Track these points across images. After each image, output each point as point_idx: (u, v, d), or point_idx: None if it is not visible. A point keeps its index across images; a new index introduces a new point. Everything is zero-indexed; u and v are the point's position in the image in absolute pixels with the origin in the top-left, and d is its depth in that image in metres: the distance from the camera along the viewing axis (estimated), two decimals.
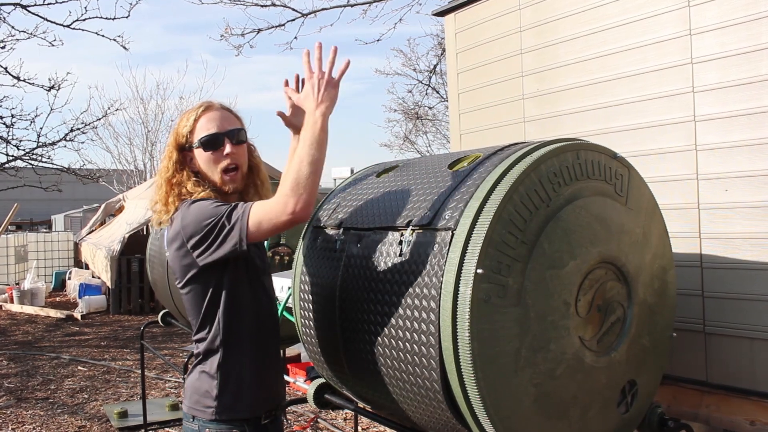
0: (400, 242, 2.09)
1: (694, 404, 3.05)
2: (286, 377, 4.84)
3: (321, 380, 2.85)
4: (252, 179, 2.53)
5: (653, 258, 2.37)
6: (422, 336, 1.95)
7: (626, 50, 3.30)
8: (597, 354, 2.14)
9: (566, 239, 2.01)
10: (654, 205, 2.44)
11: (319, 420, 5.47)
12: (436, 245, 1.95)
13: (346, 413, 5.47)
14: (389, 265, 2.11)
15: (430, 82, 16.92)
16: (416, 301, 1.97)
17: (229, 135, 2.38)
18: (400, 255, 2.08)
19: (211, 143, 2.35)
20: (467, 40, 4.13)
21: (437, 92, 17.04)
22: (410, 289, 2.00)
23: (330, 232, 2.53)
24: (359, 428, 5.15)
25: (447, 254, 1.90)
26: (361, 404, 2.71)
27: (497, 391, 1.89)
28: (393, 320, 2.06)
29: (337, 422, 5.46)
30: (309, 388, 2.88)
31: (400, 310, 2.03)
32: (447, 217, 1.97)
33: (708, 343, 3.03)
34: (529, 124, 3.70)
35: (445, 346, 1.89)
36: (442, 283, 1.89)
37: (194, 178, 2.36)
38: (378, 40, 14.02)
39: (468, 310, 1.82)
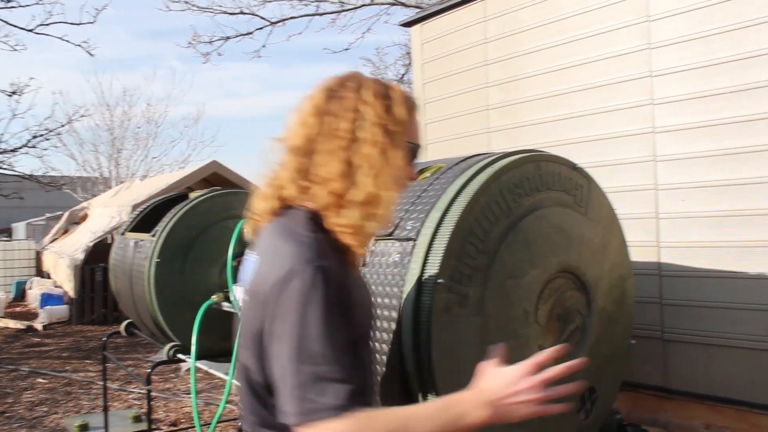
0: None
1: (654, 410, 3.11)
2: None
3: None
4: None
5: (612, 267, 2.41)
6: (384, 345, 1.95)
7: (588, 63, 3.37)
8: (556, 362, 2.16)
9: (527, 249, 2.03)
10: (613, 216, 2.48)
11: None
12: (398, 255, 1.97)
13: None
14: None
15: None
16: (378, 311, 1.97)
17: None
18: (363, 265, 2.09)
19: (416, 155, 1.58)
20: (433, 50, 4.17)
21: None
22: (372, 299, 2.00)
23: None
24: None
25: (408, 264, 1.92)
26: None
27: None
28: None
29: None
30: None
31: None
32: (409, 228, 1.98)
33: (666, 349, 3.10)
34: (494, 134, 3.75)
35: (406, 355, 1.90)
36: (403, 292, 1.90)
37: None
38: (346, 49, 14.15)
39: (429, 319, 1.83)
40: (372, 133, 1.38)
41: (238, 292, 3.72)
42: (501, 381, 1.35)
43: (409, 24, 4.37)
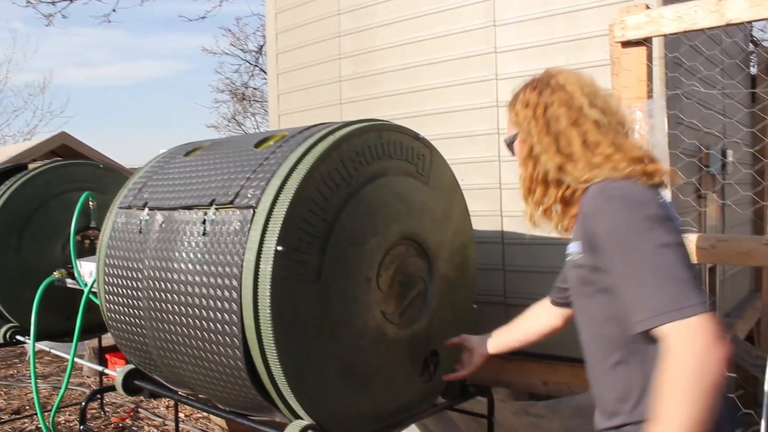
0: (204, 221, 2.06)
1: (497, 371, 3.28)
2: (105, 369, 4.60)
3: (130, 366, 2.75)
4: None
5: (454, 234, 2.51)
6: (225, 315, 1.94)
7: (437, 38, 3.45)
8: (399, 327, 2.23)
9: (367, 217, 2.07)
10: (455, 185, 2.58)
11: (140, 410, 5.26)
12: (238, 223, 1.94)
13: (168, 401, 5.31)
14: (193, 244, 2.07)
15: (257, 62, 16.61)
16: (219, 280, 1.95)
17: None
18: (204, 234, 2.05)
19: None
20: (287, 20, 4.11)
21: (265, 73, 16.81)
22: (213, 268, 1.98)
23: (135, 212, 2.43)
24: (182, 414, 5.02)
25: (248, 232, 1.90)
26: (181, 391, 2.64)
27: (300, 367, 1.93)
28: (197, 300, 2.03)
29: (159, 410, 5.29)
30: (117, 375, 2.77)
31: (204, 290, 2.00)
32: (249, 195, 1.96)
33: (508, 313, 3.26)
34: (346, 106, 3.77)
35: (247, 324, 1.89)
36: (243, 261, 1.89)
37: None
38: (203, 18, 13.54)
39: (268, 287, 1.83)
40: None
41: (83, 268, 3.53)
42: None
43: None
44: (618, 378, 1.49)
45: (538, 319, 2.09)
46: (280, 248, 1.83)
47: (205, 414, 5.00)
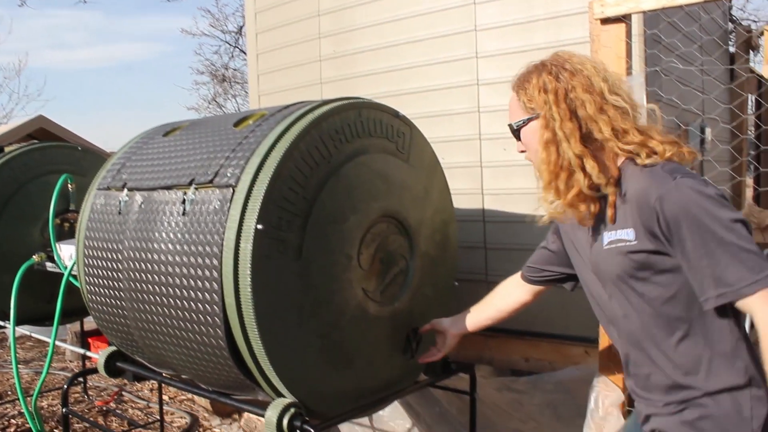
0: (183, 201, 2.05)
1: (479, 348, 3.31)
2: (88, 352, 4.58)
3: (112, 348, 2.74)
4: None
5: (434, 212, 2.52)
6: (206, 294, 1.93)
7: (416, 16, 3.43)
8: (381, 304, 2.24)
9: (347, 195, 2.07)
10: (435, 163, 2.58)
11: (123, 393, 5.25)
12: (218, 202, 1.94)
13: (152, 384, 5.30)
14: (173, 224, 2.07)
15: (237, 43, 16.43)
16: (199, 260, 1.94)
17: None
18: (184, 214, 2.04)
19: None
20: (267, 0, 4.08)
21: (245, 54, 16.64)
22: (193, 248, 1.97)
23: (114, 193, 2.41)
24: (165, 396, 5.01)
25: (228, 211, 1.90)
26: (164, 373, 2.64)
27: (282, 344, 1.93)
28: (177, 280, 2.02)
29: (143, 393, 5.28)
30: (99, 357, 2.77)
31: (184, 270, 1.99)
32: (229, 174, 1.96)
33: (489, 291, 3.29)
34: (326, 85, 3.75)
35: (228, 302, 1.89)
36: (223, 240, 1.88)
37: None
38: None
39: (249, 265, 1.83)
40: None
41: (62, 251, 3.51)
42: None
43: None
44: (682, 353, 1.54)
45: (510, 296, 2.14)
46: (260, 227, 1.83)
47: (190, 396, 5.00)
